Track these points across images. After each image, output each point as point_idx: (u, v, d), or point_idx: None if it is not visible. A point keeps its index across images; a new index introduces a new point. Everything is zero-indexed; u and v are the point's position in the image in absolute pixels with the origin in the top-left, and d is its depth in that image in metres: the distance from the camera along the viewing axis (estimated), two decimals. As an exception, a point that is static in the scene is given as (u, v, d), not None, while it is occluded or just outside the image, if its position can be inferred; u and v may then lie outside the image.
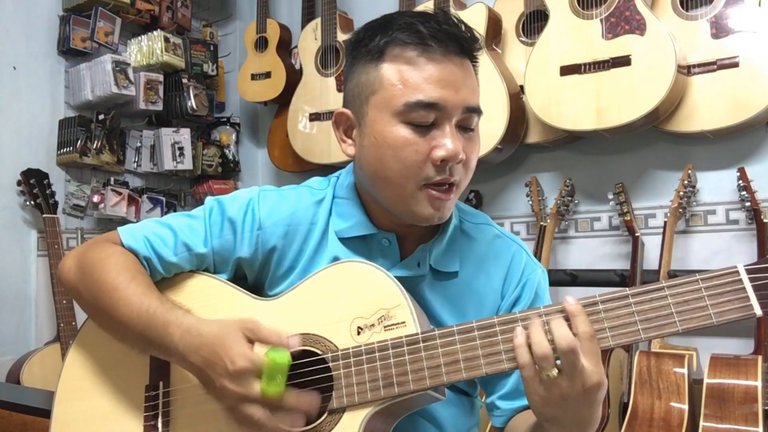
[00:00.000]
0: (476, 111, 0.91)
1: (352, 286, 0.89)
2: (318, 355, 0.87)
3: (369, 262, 0.91)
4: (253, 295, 0.96)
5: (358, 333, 0.86)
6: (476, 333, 0.81)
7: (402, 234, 1.00)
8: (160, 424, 0.93)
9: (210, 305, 0.96)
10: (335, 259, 0.98)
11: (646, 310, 0.77)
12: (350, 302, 0.88)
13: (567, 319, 0.78)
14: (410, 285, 0.97)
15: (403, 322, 0.85)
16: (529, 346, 0.77)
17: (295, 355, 0.88)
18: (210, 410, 0.89)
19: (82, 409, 0.98)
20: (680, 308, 0.76)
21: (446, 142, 0.87)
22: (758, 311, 0.74)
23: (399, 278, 0.92)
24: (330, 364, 0.86)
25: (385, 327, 0.86)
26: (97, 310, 0.95)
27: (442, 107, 0.87)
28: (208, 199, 1.03)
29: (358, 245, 1.00)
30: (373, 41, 0.92)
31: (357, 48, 0.95)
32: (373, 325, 0.86)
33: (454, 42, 0.89)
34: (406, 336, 0.84)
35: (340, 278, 0.91)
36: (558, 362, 0.76)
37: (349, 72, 0.97)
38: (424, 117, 0.88)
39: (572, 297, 0.79)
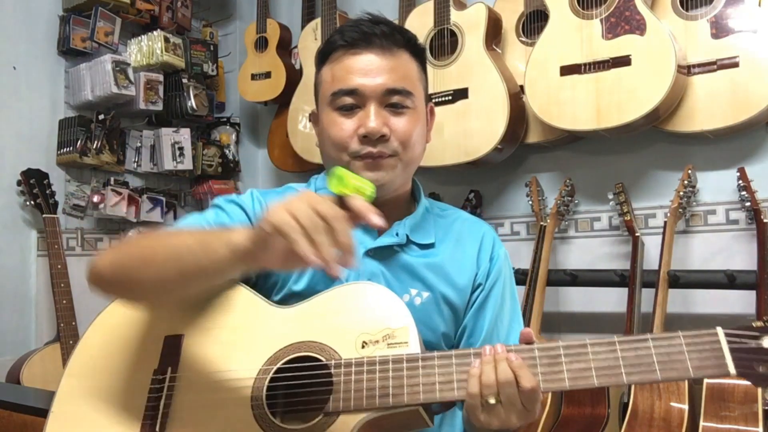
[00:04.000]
0: (399, 92, 1.03)
1: (363, 304, 0.95)
2: (321, 361, 0.91)
3: (382, 286, 0.98)
4: (269, 301, 1.01)
5: (363, 347, 0.91)
6: (472, 359, 0.86)
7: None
8: (161, 406, 0.95)
9: (228, 307, 1.00)
10: None
11: (630, 357, 0.83)
12: (359, 318, 0.93)
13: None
14: (395, 253, 1.06)
15: (406, 342, 0.90)
16: (479, 377, 0.84)
17: (301, 361, 0.91)
18: (212, 399, 0.93)
19: (88, 386, 1.01)
20: (662, 359, 0.82)
21: (366, 121, 1.01)
22: (732, 371, 0.80)
23: (383, 247, 1.04)
24: (332, 371, 0.90)
25: (388, 344, 0.91)
26: (147, 260, 0.93)
27: (361, 92, 1.02)
28: (216, 201, 1.10)
29: None
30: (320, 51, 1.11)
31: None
32: (377, 341, 0.91)
33: (376, 38, 1.03)
34: (407, 354, 0.89)
35: (353, 296, 0.96)
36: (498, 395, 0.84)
37: None
38: (348, 102, 1.03)
39: (521, 347, 0.87)
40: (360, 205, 0.83)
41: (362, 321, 0.93)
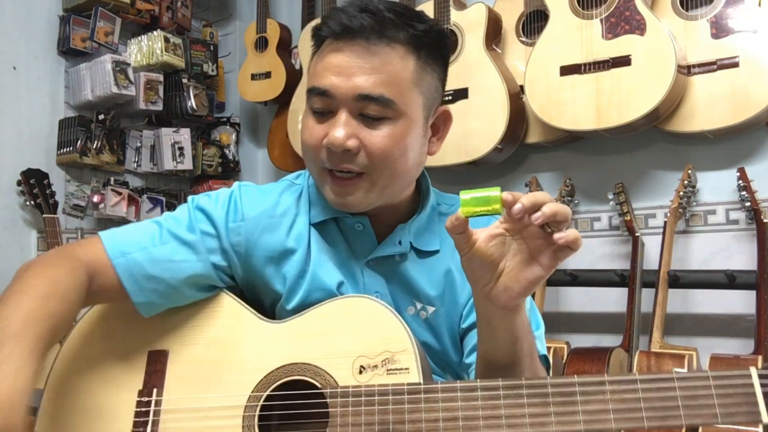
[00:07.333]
0: (375, 100, 0.87)
1: (360, 322, 0.88)
2: (317, 388, 0.86)
3: (381, 302, 0.90)
4: (258, 314, 0.95)
5: (360, 372, 0.85)
6: (479, 393, 0.79)
7: (375, 216, 0.98)
8: (149, 431, 0.90)
9: (213, 319, 0.95)
10: (310, 250, 0.96)
11: (652, 399, 0.75)
12: (356, 339, 0.87)
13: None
14: (394, 264, 0.97)
15: (407, 369, 0.84)
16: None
17: (294, 386, 0.86)
18: (202, 429, 0.88)
19: (71, 404, 0.96)
20: (688, 402, 0.74)
21: (332, 130, 0.88)
22: (765, 419, 0.72)
23: (381, 258, 0.95)
24: (328, 400, 0.84)
25: (387, 370, 0.84)
26: None
27: (332, 94, 0.88)
28: (190, 202, 1.00)
29: (333, 232, 0.98)
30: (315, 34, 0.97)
31: None
32: (376, 366, 0.85)
33: (360, 30, 0.88)
34: (408, 384, 0.82)
35: (350, 313, 0.89)
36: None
37: None
38: (321, 104, 0.90)
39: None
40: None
41: (359, 342, 0.86)
